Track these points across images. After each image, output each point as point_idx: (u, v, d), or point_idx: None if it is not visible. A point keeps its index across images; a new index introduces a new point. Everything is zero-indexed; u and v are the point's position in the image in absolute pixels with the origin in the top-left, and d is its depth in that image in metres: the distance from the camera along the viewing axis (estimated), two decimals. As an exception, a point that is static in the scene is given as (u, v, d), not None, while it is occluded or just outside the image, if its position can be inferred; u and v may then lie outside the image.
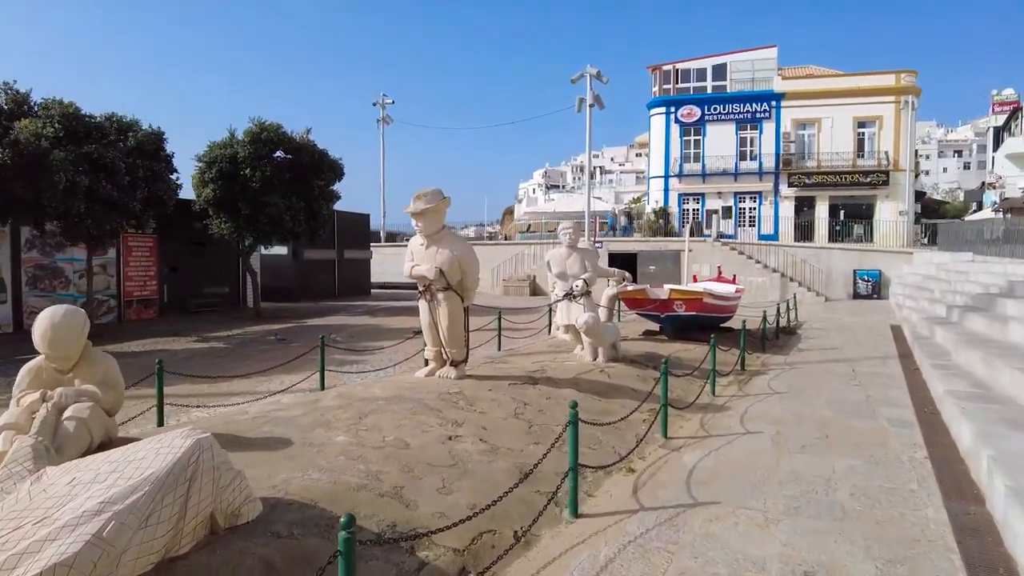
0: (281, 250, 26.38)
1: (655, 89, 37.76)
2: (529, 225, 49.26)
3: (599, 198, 58.11)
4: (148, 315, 19.24)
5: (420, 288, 6.95)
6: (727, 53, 36.72)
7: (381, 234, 39.82)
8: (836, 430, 6.54)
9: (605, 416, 6.34)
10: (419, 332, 8.74)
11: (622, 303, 12.47)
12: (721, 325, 13.88)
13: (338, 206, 22.28)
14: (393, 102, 39.82)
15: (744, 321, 12.51)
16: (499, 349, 11.73)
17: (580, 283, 8.70)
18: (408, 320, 18.56)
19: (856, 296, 26.06)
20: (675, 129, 36.14)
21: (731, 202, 35.18)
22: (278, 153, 19.38)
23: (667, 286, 11.63)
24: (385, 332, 16.16)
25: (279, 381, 9.74)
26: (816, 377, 9.64)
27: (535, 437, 5.58)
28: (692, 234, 32.76)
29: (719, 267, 16.44)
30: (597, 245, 30.13)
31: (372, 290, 31.87)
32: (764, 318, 12.43)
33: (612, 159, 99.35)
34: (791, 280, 26.84)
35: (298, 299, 26.20)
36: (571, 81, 23.08)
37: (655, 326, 12.55)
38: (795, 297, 19.07)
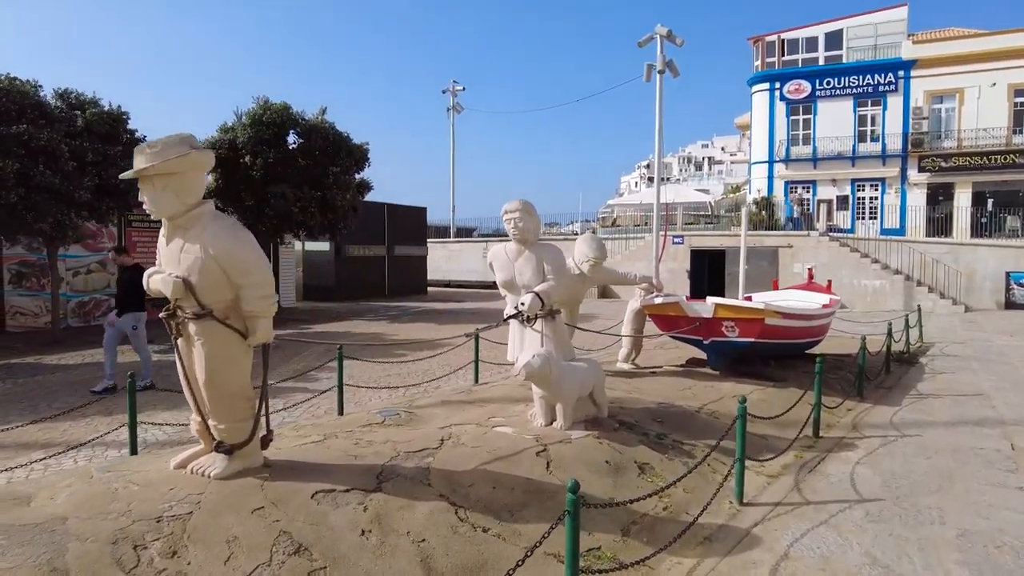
0: (324, 245, 24.58)
1: (757, 63, 32.99)
2: (615, 219, 45.39)
3: (706, 190, 53.09)
4: (152, 316, 17.66)
5: (162, 315, 4.03)
6: (843, 18, 31.33)
7: (451, 229, 37.54)
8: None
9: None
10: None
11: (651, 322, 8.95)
12: (806, 352, 10.01)
13: (397, 199, 19.96)
14: (464, 88, 37.34)
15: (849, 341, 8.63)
16: (476, 381, 8.60)
17: (528, 299, 5.44)
18: (434, 330, 15.80)
19: (1010, 306, 20.44)
20: (780, 108, 31.30)
21: (847, 191, 29.91)
22: (291, 138, 17.24)
23: (712, 300, 8.02)
24: (386, 347, 13.44)
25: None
26: (943, 462, 5.80)
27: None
28: (800, 228, 27.96)
29: (809, 269, 12.38)
30: (677, 241, 26.12)
31: (430, 289, 29.56)
32: (863, 345, 8.46)
33: (723, 148, 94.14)
34: (918, 284, 21.61)
35: (341, 298, 24.25)
36: (638, 44, 19.39)
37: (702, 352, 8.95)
38: (920, 309, 14.46)
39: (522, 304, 5.47)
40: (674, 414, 6.37)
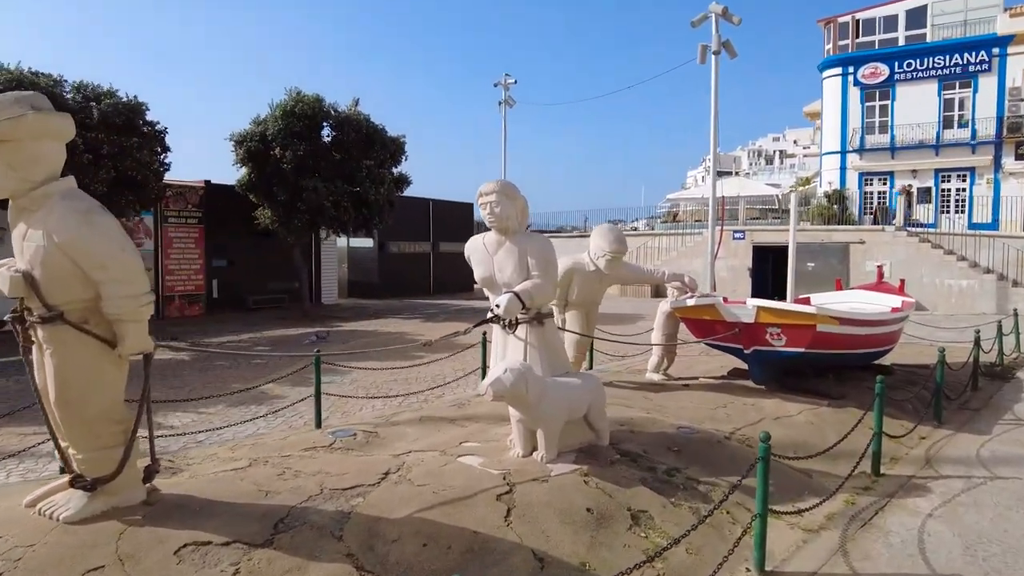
0: (367, 242, 24.19)
1: (828, 47, 30.65)
2: (675, 214, 43.49)
3: (776, 185, 50.38)
4: (193, 312, 17.61)
5: (7, 317, 3.24)
6: (927, -7, 28.61)
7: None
8: None
9: None
10: (429, 343, 5.74)
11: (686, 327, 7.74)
12: (873, 363, 8.57)
13: (447, 196, 19.31)
14: (516, 82, 36.27)
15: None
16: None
17: (504, 300, 4.42)
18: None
19: (1124, 310, 17.82)
20: (854, 94, 28.96)
21: (930, 181, 27.31)
22: (325, 131, 16.75)
23: (754, 302, 6.77)
24: (405, 347, 12.62)
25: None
26: (1045, 512, 4.44)
27: None
28: (876, 222, 25.66)
29: (879, 267, 10.77)
30: (738, 236, 24.39)
31: (476, 287, 28.80)
32: (941, 358, 6.99)
33: (795, 142, 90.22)
34: (1014, 284, 19.21)
35: (383, 295, 23.78)
36: (692, 24, 17.92)
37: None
38: (1016, 313, 12.51)
39: (497, 306, 4.47)
40: (696, 441, 5.21)
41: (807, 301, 10.03)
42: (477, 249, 4.92)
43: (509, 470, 4.16)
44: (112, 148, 11.45)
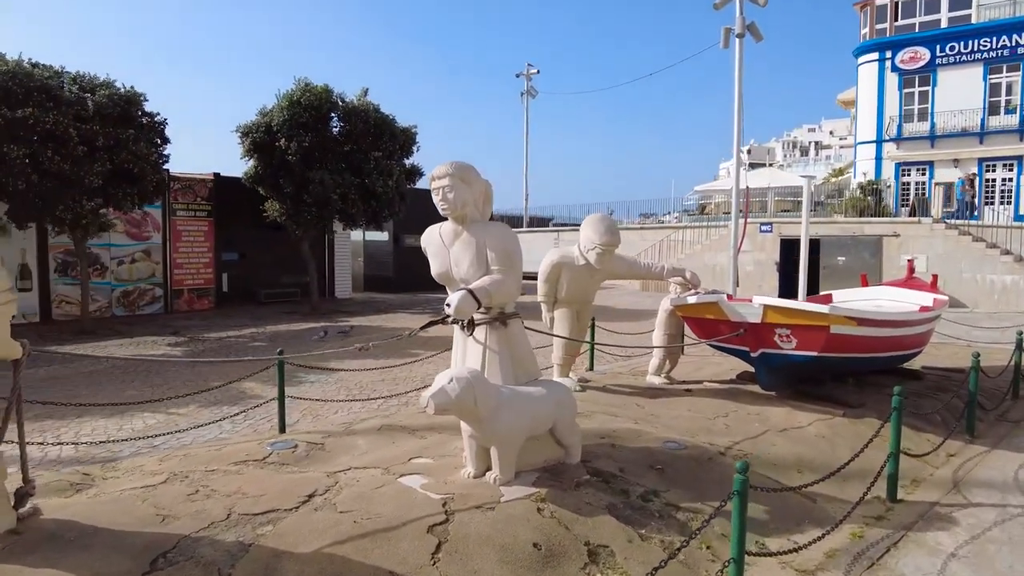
0: (383, 235, 23.84)
1: (865, 31, 29.34)
2: (704, 207, 42.32)
3: (812, 176, 48.62)
4: (203, 306, 17.41)
5: None
6: (974, -29, 27.09)
7: (524, 218, 36.10)
8: None
9: None
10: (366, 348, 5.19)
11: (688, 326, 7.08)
12: (901, 367, 7.81)
13: None
14: (538, 72, 35.61)
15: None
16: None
17: (456, 299, 3.87)
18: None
19: None
20: (891, 80, 27.65)
21: (973, 171, 25.88)
22: (334, 121, 16.35)
23: (760, 300, 6.10)
24: (400, 344, 12.17)
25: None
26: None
27: None
28: (914, 214, 24.38)
29: (910, 261, 9.89)
30: (765, 229, 23.40)
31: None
32: (975, 364, 6.21)
33: (831, 132, 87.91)
34: (1064, 281, 17.94)
35: (398, 290, 23.42)
36: (714, 7, 17.04)
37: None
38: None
39: (448, 305, 3.92)
40: (683, 459, 4.60)
41: (829, 298, 9.29)
42: (432, 241, 4.39)
43: (453, 494, 3.63)
44: (108, 140, 11.19)
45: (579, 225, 6.69)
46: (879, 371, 7.38)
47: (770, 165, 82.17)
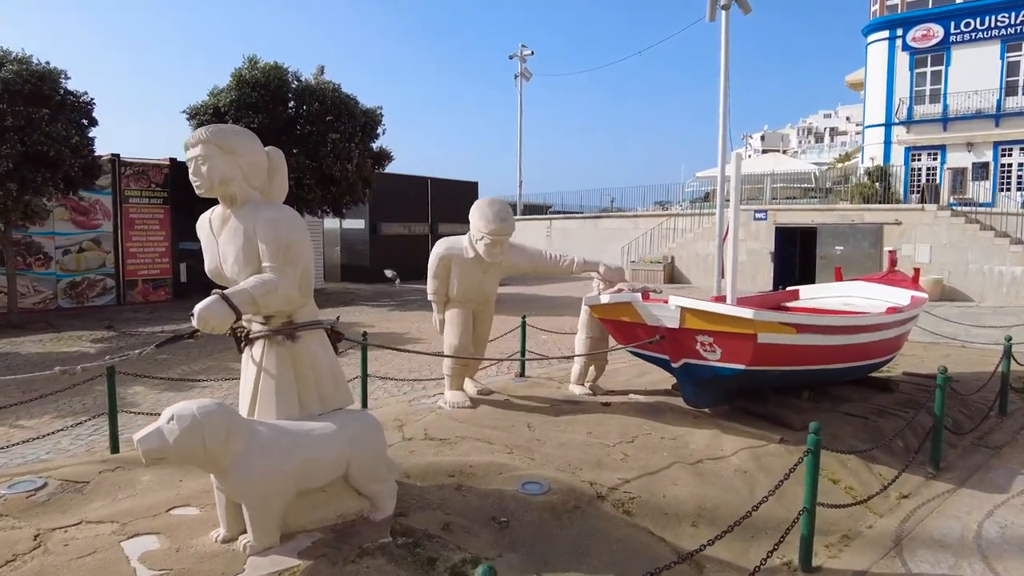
0: (359, 223, 22.94)
1: (875, 8, 27.77)
2: (707, 194, 40.91)
3: (823, 163, 47.10)
4: (159, 297, 16.60)
5: None
6: (992, -59, 25.41)
7: (518, 205, 34.97)
8: None
9: None
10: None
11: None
12: (870, 375, 6.70)
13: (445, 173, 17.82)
14: (532, 53, 34.29)
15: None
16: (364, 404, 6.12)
17: (199, 308, 2.86)
18: (419, 322, 13.57)
19: None
20: (902, 59, 26.17)
21: (988, 156, 24.42)
22: (291, 103, 15.40)
23: (677, 301, 5.04)
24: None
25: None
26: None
27: None
28: (924, 201, 22.98)
29: (891, 252, 8.73)
30: (759, 216, 22.14)
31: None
32: (942, 383, 5.08)
33: (848, 118, 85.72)
34: (1079, 273, 16.57)
35: (375, 279, 22.51)
36: (700, -24, 15.80)
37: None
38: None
39: (191, 314, 2.93)
40: (538, 508, 3.58)
41: (795, 295, 8.19)
42: (202, 229, 3.39)
43: (173, 569, 2.65)
44: (18, 120, 10.29)
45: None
46: (842, 383, 6.30)
47: (783, 152, 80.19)
